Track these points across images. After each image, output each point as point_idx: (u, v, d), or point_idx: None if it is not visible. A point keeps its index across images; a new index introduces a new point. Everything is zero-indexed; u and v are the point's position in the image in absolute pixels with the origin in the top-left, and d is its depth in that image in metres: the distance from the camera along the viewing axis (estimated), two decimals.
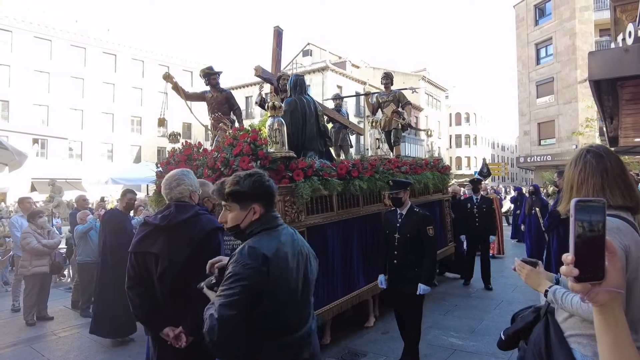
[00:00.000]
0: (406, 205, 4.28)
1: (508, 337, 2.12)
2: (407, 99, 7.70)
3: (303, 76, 5.50)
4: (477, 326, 5.49)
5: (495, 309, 6.26)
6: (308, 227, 4.44)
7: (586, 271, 0.84)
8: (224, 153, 4.40)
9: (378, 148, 5.91)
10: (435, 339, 5.08)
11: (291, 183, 4.24)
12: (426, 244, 4.11)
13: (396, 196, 4.23)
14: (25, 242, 6.13)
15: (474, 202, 7.66)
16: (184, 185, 2.74)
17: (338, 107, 8.13)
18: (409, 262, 4.14)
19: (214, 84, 6.08)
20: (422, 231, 4.11)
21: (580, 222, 0.85)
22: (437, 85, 49.14)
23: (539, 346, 1.78)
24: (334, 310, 4.72)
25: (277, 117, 4.34)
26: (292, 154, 4.33)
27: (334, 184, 4.62)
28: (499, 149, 69.62)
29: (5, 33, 30.17)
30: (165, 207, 2.73)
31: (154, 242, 2.56)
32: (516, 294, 7.02)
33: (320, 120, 5.36)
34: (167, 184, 2.73)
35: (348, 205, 5.12)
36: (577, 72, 25.95)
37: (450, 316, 5.97)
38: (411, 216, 4.21)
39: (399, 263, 4.18)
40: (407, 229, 4.15)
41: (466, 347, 4.83)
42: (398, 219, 4.25)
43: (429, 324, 5.50)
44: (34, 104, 30.90)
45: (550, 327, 1.78)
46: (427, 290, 4.05)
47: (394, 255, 4.21)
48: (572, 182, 1.76)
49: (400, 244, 4.17)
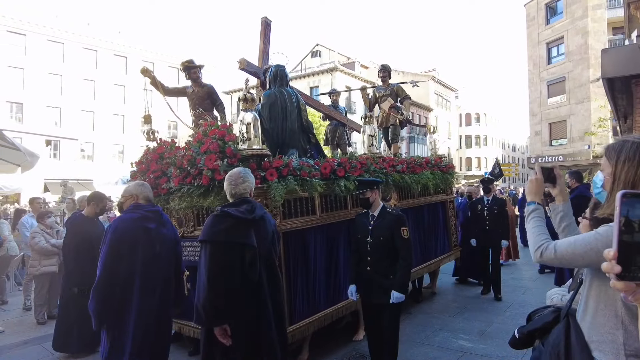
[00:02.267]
0: (378, 206, 3.82)
1: (522, 336, 2.06)
2: (406, 93, 7.11)
3: (284, 67, 4.99)
4: (487, 329, 5.29)
5: (506, 311, 6.01)
6: (284, 232, 3.96)
7: (629, 269, 0.80)
8: (192, 151, 3.95)
9: (371, 145, 5.39)
10: (444, 341, 4.90)
11: (263, 183, 3.76)
12: (401, 246, 3.64)
13: (363, 196, 3.78)
14: (33, 242, 6.13)
15: (484, 203, 6.96)
16: (248, 182, 2.97)
17: (335, 103, 7.58)
18: (383, 268, 3.66)
19: (195, 78, 5.65)
20: (396, 233, 3.65)
21: (626, 216, 0.80)
22: (447, 85, 48.37)
23: (557, 349, 1.70)
24: (315, 324, 4.22)
25: (249, 110, 3.87)
26: (265, 152, 3.85)
27: (314, 185, 4.12)
28: (510, 149, 68.52)
29: (19, 36, 30.36)
30: (238, 201, 2.88)
31: (245, 233, 2.73)
32: (527, 297, 6.73)
33: (303, 115, 4.84)
34: (233, 180, 2.92)
35: (333, 208, 4.62)
36: (590, 71, 25.38)
37: (460, 318, 5.77)
38: (384, 217, 3.74)
39: (373, 270, 3.69)
40: (381, 231, 3.69)
41: (476, 349, 4.65)
42: (370, 222, 3.78)
43: (438, 326, 5.40)
44: (47, 106, 31.01)
45: (572, 330, 1.69)
46: (400, 298, 3.55)
47: (367, 262, 3.72)
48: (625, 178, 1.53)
49: (373, 249, 3.69)
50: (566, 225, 1.94)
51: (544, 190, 1.97)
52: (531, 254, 1.79)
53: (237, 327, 2.69)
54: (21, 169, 6.41)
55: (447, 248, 6.97)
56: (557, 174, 1.98)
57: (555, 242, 1.69)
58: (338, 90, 7.75)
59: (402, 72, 43.02)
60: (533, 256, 1.77)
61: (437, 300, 6.68)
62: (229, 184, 2.92)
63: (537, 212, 1.89)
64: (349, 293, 3.85)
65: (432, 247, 6.49)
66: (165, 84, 5.58)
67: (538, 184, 1.95)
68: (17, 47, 30.20)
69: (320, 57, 38.21)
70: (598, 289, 1.57)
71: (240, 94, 3.93)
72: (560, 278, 6.60)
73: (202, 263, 2.71)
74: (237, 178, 2.93)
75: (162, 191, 4.23)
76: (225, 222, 2.73)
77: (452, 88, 50.01)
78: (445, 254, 6.88)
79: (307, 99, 6.19)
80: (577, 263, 1.65)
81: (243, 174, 2.96)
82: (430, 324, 5.49)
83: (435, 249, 6.58)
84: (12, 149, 5.78)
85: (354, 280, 3.86)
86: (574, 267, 1.92)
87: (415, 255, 5.99)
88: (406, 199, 5.88)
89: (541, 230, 1.81)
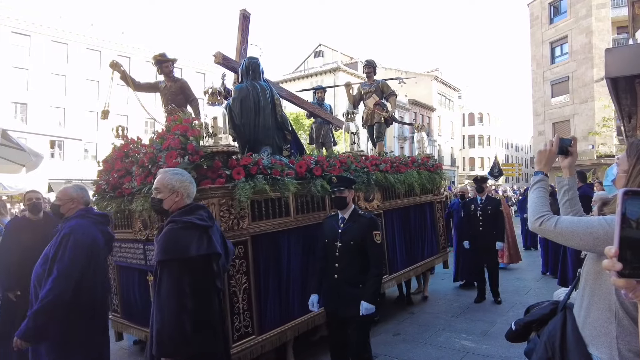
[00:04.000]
0: (349, 208, 3.51)
1: (519, 328, 2.08)
2: (392, 90, 6.75)
3: (257, 59, 4.65)
4: (489, 329, 5.25)
5: (509, 311, 5.93)
6: (253, 235, 3.66)
7: (631, 267, 0.80)
8: (153, 148, 3.66)
9: (353, 143, 5.07)
10: (446, 342, 4.88)
11: (229, 183, 3.46)
12: (372, 252, 3.34)
13: (340, 195, 3.45)
14: None
15: (477, 203, 6.61)
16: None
17: (320, 100, 7.23)
18: (352, 276, 3.35)
19: (167, 73, 5.37)
20: (368, 238, 3.33)
21: (627, 213, 0.80)
22: (450, 85, 47.94)
23: (552, 340, 1.71)
24: (288, 333, 3.92)
25: (215, 104, 3.58)
26: (233, 148, 3.54)
27: (286, 184, 3.82)
28: (513, 149, 68.06)
29: (24, 37, 30.34)
30: (193, 207, 2.58)
31: (208, 242, 2.45)
32: (530, 297, 6.62)
33: (278, 110, 4.51)
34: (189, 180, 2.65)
35: (310, 209, 4.29)
36: (594, 71, 25.27)
37: (462, 318, 5.74)
38: (355, 220, 3.43)
39: (340, 278, 3.37)
40: (351, 235, 3.37)
41: (478, 349, 4.62)
42: (340, 225, 3.47)
43: (441, 326, 5.36)
44: (51, 107, 30.95)
45: (568, 322, 1.70)
46: (370, 310, 3.23)
47: (335, 269, 3.40)
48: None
49: (342, 254, 3.37)
50: (568, 199, 1.93)
51: (553, 162, 1.93)
52: (529, 221, 1.79)
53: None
54: (26, 169, 6.31)
55: (436, 250, 6.63)
56: (573, 147, 1.94)
57: (558, 217, 1.69)
58: (323, 86, 7.38)
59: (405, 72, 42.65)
60: (531, 224, 1.78)
61: (439, 301, 6.64)
62: (190, 184, 2.63)
63: (543, 182, 1.88)
64: (309, 303, 3.53)
65: (419, 249, 6.17)
66: (136, 79, 5.32)
67: (550, 155, 1.91)
68: (22, 47, 30.17)
69: (323, 57, 37.93)
70: (593, 283, 1.57)
71: (207, 87, 3.63)
72: (563, 278, 6.46)
73: (166, 285, 2.31)
74: (190, 177, 2.66)
75: (126, 191, 3.94)
76: (193, 233, 2.41)
77: (455, 88, 49.60)
78: (433, 256, 6.54)
79: (290, 96, 5.88)
80: (572, 242, 1.62)
81: (187, 174, 2.71)
82: (432, 324, 5.46)
83: (423, 252, 6.25)
84: (17, 149, 5.68)
85: (317, 290, 3.54)
86: (567, 246, 1.89)
87: (401, 258, 5.68)
88: (390, 199, 5.55)
89: (545, 202, 1.81)
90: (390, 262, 5.43)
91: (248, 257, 3.59)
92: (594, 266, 1.58)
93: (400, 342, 4.92)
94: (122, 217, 4.27)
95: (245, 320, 3.54)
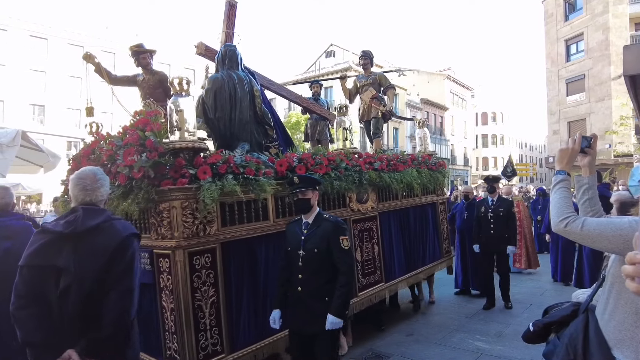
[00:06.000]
0: (313, 212, 3.06)
1: (538, 329, 2.01)
2: (390, 82, 6.21)
3: (234, 46, 4.19)
4: (504, 330, 5.11)
5: (524, 312, 5.78)
6: (223, 242, 3.21)
7: None
8: (113, 144, 3.25)
9: (346, 139, 4.59)
10: (460, 342, 4.79)
11: (193, 183, 3.02)
12: (339, 260, 2.90)
13: (303, 197, 3.00)
14: None
15: (489, 204, 6.09)
16: (105, 187, 2.34)
17: (316, 95, 6.74)
18: (317, 288, 2.91)
19: (145, 65, 4.97)
20: (334, 244, 2.89)
21: None
22: (463, 84, 46.94)
23: (575, 342, 1.64)
24: (265, 350, 3.45)
25: (180, 95, 3.15)
26: (200, 145, 3.10)
27: (261, 185, 3.35)
28: (527, 148, 66.67)
29: (41, 41, 30.83)
30: (70, 211, 2.23)
31: (57, 253, 2.07)
32: (545, 298, 6.43)
33: (257, 103, 4.03)
34: (88, 184, 2.24)
35: (293, 212, 3.81)
36: (611, 68, 24.45)
37: (476, 319, 5.60)
38: (319, 225, 2.99)
39: (304, 291, 2.93)
40: (315, 242, 2.93)
41: (493, 351, 4.51)
42: (303, 230, 3.02)
43: (454, 327, 5.27)
44: (68, 108, 31.22)
45: (590, 325, 1.62)
46: (337, 324, 2.78)
47: (297, 280, 2.96)
48: None
49: (305, 264, 2.93)
50: (588, 199, 1.84)
51: (574, 161, 1.87)
52: (552, 222, 1.74)
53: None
54: (44, 169, 6.31)
55: (438, 255, 6.10)
56: (593, 145, 1.85)
57: (585, 218, 1.64)
58: (320, 80, 6.87)
59: (418, 71, 41.89)
60: (555, 225, 1.72)
61: (451, 302, 6.50)
62: (81, 189, 2.22)
63: (566, 182, 1.83)
64: (271, 320, 3.08)
65: (419, 254, 5.65)
66: (112, 72, 4.94)
67: (572, 154, 1.84)
68: (40, 51, 30.52)
69: (334, 57, 37.36)
70: (620, 286, 1.50)
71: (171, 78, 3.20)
72: (579, 280, 6.24)
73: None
74: (94, 181, 2.26)
75: None
76: (39, 239, 2.12)
77: (468, 87, 48.61)
78: (436, 262, 6.00)
79: (281, 90, 5.39)
80: (600, 244, 1.56)
81: (100, 176, 2.32)
82: (446, 325, 5.36)
83: (424, 257, 5.73)
84: (35, 150, 5.69)
85: (278, 304, 3.10)
86: (595, 248, 1.74)
87: (399, 264, 5.18)
88: (387, 200, 5.04)
89: (569, 202, 1.75)
90: (386, 269, 4.93)
91: (216, 267, 3.14)
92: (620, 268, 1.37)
93: (414, 342, 4.84)
94: None
95: (213, 337, 3.10)
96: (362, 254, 4.57)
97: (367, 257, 4.64)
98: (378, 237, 4.81)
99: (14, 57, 29.36)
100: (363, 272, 4.57)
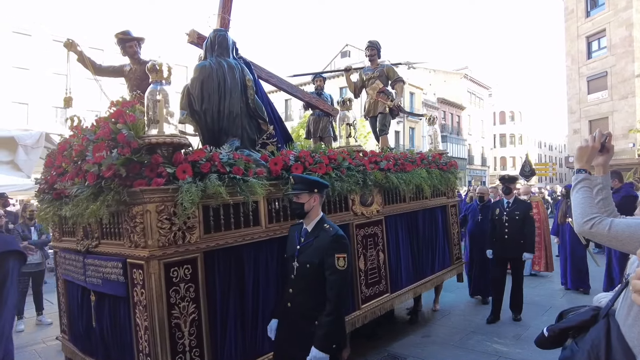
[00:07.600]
0: (314, 219, 2.64)
1: (553, 334, 1.89)
2: (399, 75, 5.67)
3: (225, 31, 3.79)
4: (523, 333, 5.00)
5: (543, 315, 5.58)
6: (206, 251, 2.84)
7: None
8: (84, 139, 2.91)
9: (349, 136, 4.17)
10: (478, 344, 4.70)
11: (171, 183, 2.65)
12: (331, 281, 2.46)
13: (297, 200, 2.61)
14: None
15: (504, 207, 5.56)
16: None
17: (319, 89, 6.31)
18: (307, 308, 2.50)
19: (132, 54, 4.64)
20: (327, 261, 2.46)
21: None
22: (480, 83, 45.90)
23: (597, 349, 1.53)
24: None
25: (160, 83, 2.79)
26: (180, 140, 2.72)
27: (251, 186, 2.96)
28: (546, 148, 65.01)
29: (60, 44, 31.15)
30: None
31: None
32: (565, 301, 6.20)
33: (250, 94, 3.61)
34: None
35: (289, 216, 3.40)
36: (635, 65, 23.60)
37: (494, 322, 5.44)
38: (317, 235, 2.57)
39: (293, 308, 2.56)
40: (308, 255, 2.53)
41: (511, 354, 4.42)
42: (300, 239, 2.63)
43: (472, 329, 5.18)
44: (87, 110, 31.53)
45: (612, 330, 1.52)
46: (320, 359, 2.35)
47: (288, 295, 2.60)
48: None
49: (297, 278, 2.55)
50: (602, 199, 1.75)
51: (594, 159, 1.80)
52: (576, 224, 1.70)
53: None
54: None
55: (448, 262, 5.62)
56: (608, 144, 1.79)
57: (612, 219, 1.59)
58: (323, 74, 6.42)
59: (434, 70, 41.07)
60: (579, 226, 1.68)
61: (468, 304, 6.32)
62: None
63: (587, 182, 1.76)
64: (268, 329, 2.75)
65: (427, 261, 5.20)
66: (96, 62, 4.63)
67: (592, 152, 1.78)
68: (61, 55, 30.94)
69: (349, 57, 36.87)
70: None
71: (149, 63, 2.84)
72: (610, 284, 5.78)
73: None
74: None
75: (64, 192, 3.20)
76: None
77: (486, 86, 47.52)
78: (445, 269, 5.54)
79: (281, 83, 4.97)
80: (629, 246, 1.50)
81: None
82: (463, 327, 5.26)
83: (433, 264, 5.28)
84: None
85: (277, 312, 2.78)
86: (623, 251, 1.63)
87: (407, 272, 4.74)
88: (394, 203, 4.60)
89: (592, 202, 1.69)
90: (392, 278, 4.50)
91: (198, 280, 2.76)
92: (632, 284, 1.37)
93: (430, 344, 4.75)
94: (66, 222, 3.54)
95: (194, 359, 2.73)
96: (365, 262, 4.15)
97: (371, 265, 4.21)
98: (384, 244, 4.38)
99: (37, 61, 29.84)
100: (367, 282, 4.14)
